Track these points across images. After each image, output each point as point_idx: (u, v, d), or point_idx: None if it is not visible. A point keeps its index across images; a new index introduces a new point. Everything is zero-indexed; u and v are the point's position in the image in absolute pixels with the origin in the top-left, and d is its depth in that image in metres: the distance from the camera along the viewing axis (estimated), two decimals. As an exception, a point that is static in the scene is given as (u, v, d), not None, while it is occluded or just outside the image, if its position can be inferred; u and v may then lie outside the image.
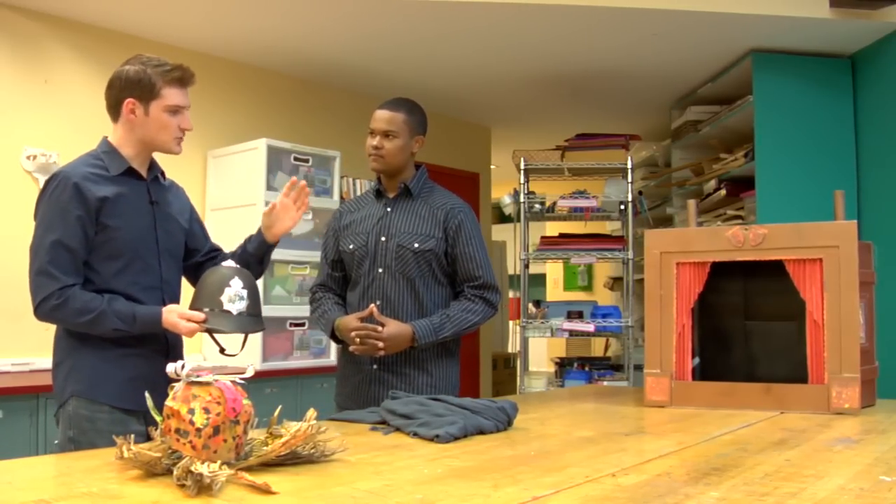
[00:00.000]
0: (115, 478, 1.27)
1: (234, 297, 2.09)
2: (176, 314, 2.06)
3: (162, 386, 1.43)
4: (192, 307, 2.09)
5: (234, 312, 2.09)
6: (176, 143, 2.17)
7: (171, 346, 2.18)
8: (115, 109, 2.12)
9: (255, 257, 2.36)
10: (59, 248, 1.98)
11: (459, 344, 2.55)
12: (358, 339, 2.32)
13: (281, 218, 2.35)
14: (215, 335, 2.18)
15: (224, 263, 2.18)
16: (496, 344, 7.16)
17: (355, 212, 2.58)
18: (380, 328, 2.31)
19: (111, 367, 2.04)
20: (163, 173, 2.26)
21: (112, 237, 2.05)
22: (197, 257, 2.34)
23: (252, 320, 2.13)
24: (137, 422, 2.01)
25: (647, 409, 2.34)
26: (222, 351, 2.22)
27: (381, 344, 2.30)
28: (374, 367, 2.44)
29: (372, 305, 2.34)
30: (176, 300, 2.23)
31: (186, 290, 2.31)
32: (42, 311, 2.00)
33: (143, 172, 2.17)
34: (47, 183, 2.03)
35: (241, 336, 2.20)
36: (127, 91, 2.08)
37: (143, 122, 2.10)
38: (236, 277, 2.11)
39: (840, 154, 4.32)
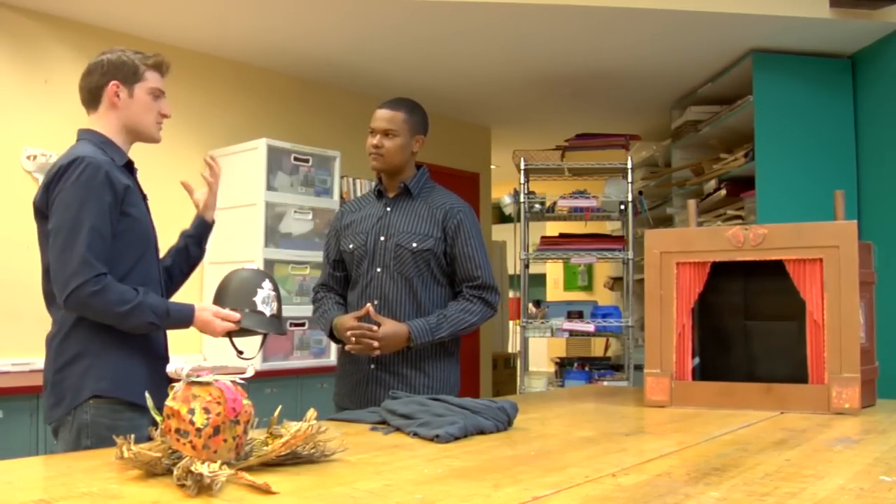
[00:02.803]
0: (116, 478, 1.27)
1: (265, 298, 2.09)
2: (210, 312, 2.05)
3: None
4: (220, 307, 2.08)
5: (267, 314, 2.09)
6: (157, 129, 2.16)
7: (166, 346, 2.17)
8: (95, 95, 2.09)
9: (195, 238, 2.38)
10: (95, 234, 1.92)
11: (459, 344, 2.55)
12: (353, 339, 2.32)
13: (209, 202, 2.41)
14: (234, 339, 2.16)
15: (248, 266, 2.20)
16: (496, 344, 7.16)
17: (356, 212, 2.59)
18: (375, 328, 2.31)
19: (134, 365, 2.00)
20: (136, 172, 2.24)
21: (131, 227, 2.02)
22: None
23: (279, 322, 2.16)
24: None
25: (648, 409, 2.34)
26: (240, 354, 2.20)
27: (376, 343, 2.30)
28: (372, 366, 2.44)
29: (368, 305, 2.35)
30: (165, 294, 2.22)
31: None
32: (76, 297, 1.89)
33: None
34: (69, 166, 1.94)
35: (256, 340, 2.20)
36: (110, 75, 2.07)
37: (127, 105, 2.09)
38: (267, 280, 2.13)
39: (840, 154, 4.32)
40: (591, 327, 4.47)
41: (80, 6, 3.87)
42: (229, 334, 2.11)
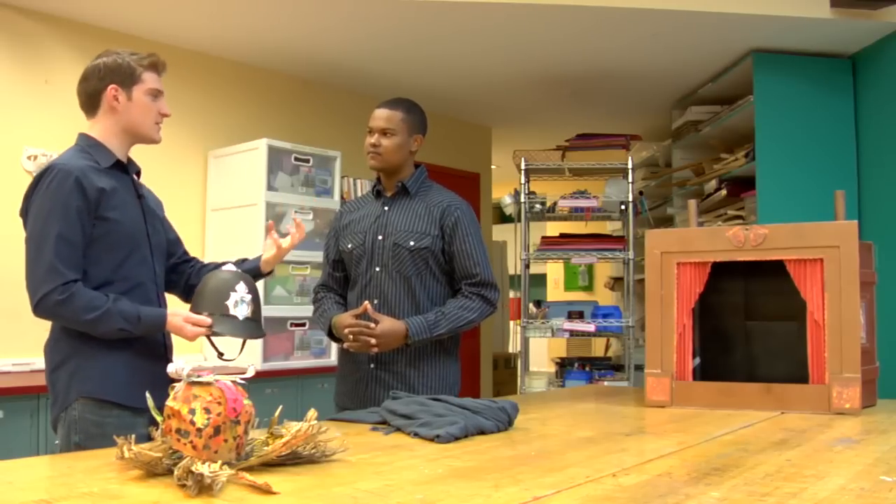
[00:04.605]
0: (116, 478, 1.27)
1: (238, 301, 2.08)
2: (181, 318, 2.05)
3: (163, 385, 1.43)
4: (195, 311, 2.08)
5: (240, 317, 2.08)
6: (156, 129, 2.16)
7: (167, 346, 2.18)
8: (93, 100, 2.10)
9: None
10: (62, 241, 1.93)
11: (458, 343, 2.55)
12: (351, 336, 2.32)
13: (272, 259, 2.38)
14: (215, 340, 2.17)
15: (225, 268, 2.16)
16: (497, 344, 7.15)
17: (355, 211, 2.59)
18: (373, 325, 2.31)
19: (118, 366, 2.01)
20: (139, 172, 2.24)
21: (111, 230, 2.02)
22: (172, 259, 2.33)
23: (255, 325, 2.14)
24: (144, 424, 1.95)
25: (648, 409, 2.34)
26: (221, 355, 2.21)
27: (373, 341, 2.30)
28: (372, 366, 2.44)
29: (366, 303, 2.35)
30: (163, 296, 2.22)
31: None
32: (44, 306, 1.93)
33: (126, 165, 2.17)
34: (42, 175, 1.97)
35: (239, 340, 2.20)
36: (108, 79, 2.08)
37: (126, 108, 2.09)
38: (241, 282, 2.11)
39: (841, 154, 4.32)
40: (591, 327, 4.47)
41: (80, 6, 3.87)
42: (208, 336, 2.11)
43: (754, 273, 2.42)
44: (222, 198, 4.45)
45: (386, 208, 2.52)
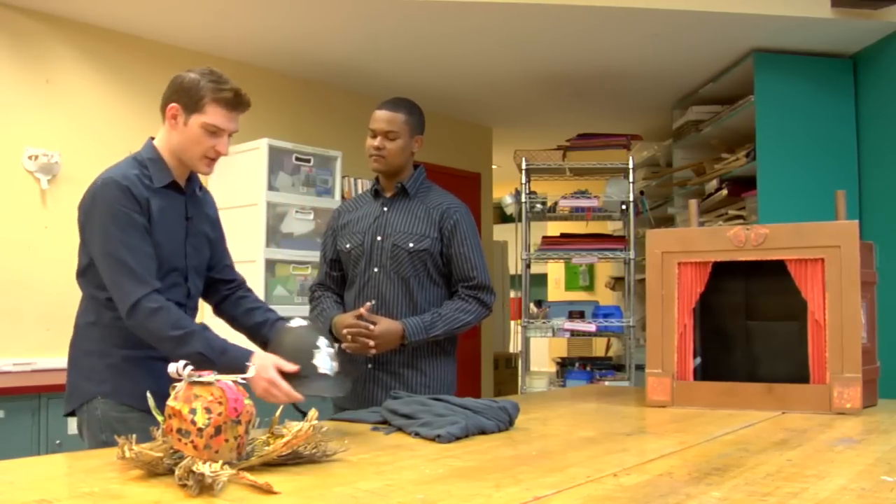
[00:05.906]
0: (117, 478, 1.27)
1: (326, 358, 1.91)
2: (269, 381, 1.83)
3: None
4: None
5: (332, 374, 1.90)
6: (205, 163, 2.05)
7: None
8: (162, 109, 2.05)
9: (261, 342, 2.18)
10: (139, 252, 1.89)
11: (456, 343, 2.55)
12: (350, 337, 2.33)
13: None
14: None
15: (297, 324, 1.99)
16: (497, 344, 7.15)
17: (353, 211, 2.59)
18: (371, 326, 2.31)
19: (137, 369, 1.98)
20: (201, 186, 2.18)
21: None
22: (211, 273, 2.24)
23: (344, 379, 1.97)
24: None
25: (649, 409, 2.34)
26: (304, 415, 2.03)
27: (371, 342, 2.30)
28: (370, 366, 2.44)
29: (368, 304, 2.35)
30: (195, 315, 2.15)
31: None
32: (137, 315, 1.86)
33: (183, 184, 2.09)
34: (101, 189, 1.93)
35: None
36: (175, 96, 2.01)
37: (180, 131, 2.02)
38: (321, 338, 1.94)
39: (841, 154, 4.32)
40: (592, 327, 4.47)
41: (81, 6, 3.87)
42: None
43: (755, 273, 2.42)
44: (223, 198, 4.42)
45: (385, 209, 2.51)
